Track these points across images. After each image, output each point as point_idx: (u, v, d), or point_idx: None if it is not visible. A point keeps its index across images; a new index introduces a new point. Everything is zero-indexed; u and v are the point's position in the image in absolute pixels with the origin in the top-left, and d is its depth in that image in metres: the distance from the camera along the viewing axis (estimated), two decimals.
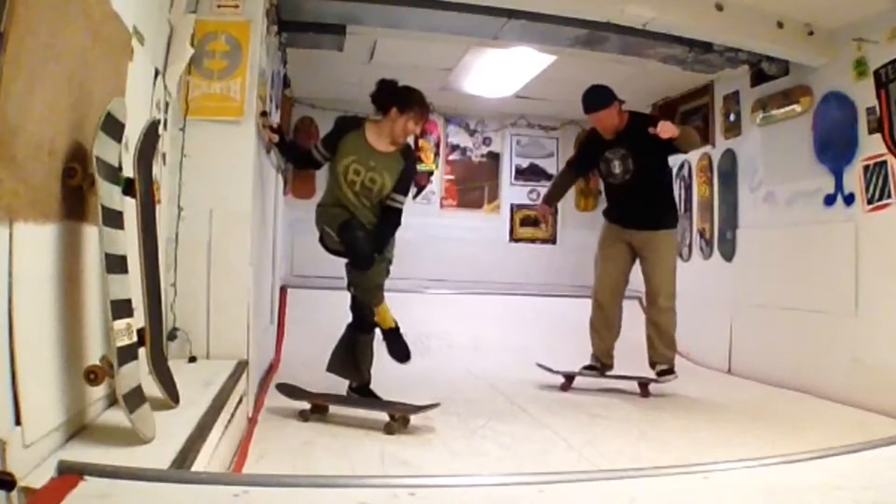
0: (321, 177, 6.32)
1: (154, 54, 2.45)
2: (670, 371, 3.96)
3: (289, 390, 3.20)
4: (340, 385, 3.38)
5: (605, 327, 4.16)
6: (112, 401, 1.85)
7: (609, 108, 3.94)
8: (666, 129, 3.71)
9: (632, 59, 4.49)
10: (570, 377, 4.10)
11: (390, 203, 3.23)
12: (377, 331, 3.30)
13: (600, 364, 4.15)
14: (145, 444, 1.58)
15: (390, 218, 3.25)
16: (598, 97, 3.98)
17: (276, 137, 3.44)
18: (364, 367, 3.32)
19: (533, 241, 6.81)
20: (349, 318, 3.39)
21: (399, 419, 2.94)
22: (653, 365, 4.03)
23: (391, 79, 3.28)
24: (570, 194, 6.84)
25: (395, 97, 3.21)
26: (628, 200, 4.05)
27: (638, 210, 4.00)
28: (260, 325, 3.46)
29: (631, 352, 4.28)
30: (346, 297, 3.42)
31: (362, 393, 3.31)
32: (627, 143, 3.95)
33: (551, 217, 4.83)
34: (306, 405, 3.12)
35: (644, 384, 3.97)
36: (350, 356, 3.32)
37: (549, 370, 4.15)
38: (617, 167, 4.00)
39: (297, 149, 3.80)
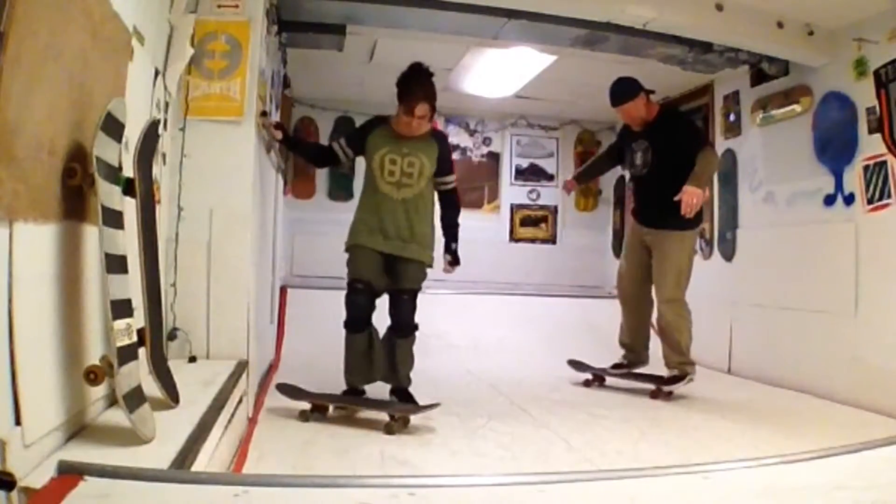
0: (321, 177, 6.37)
1: (154, 54, 2.45)
2: (679, 378, 3.89)
3: (289, 390, 3.19)
4: (339, 385, 3.37)
5: (626, 321, 4.22)
6: (112, 401, 1.85)
7: (634, 101, 3.89)
8: (688, 200, 3.60)
9: (632, 59, 4.49)
10: (600, 376, 4.23)
11: (443, 188, 3.37)
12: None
13: (626, 361, 4.18)
14: (145, 444, 1.58)
15: (451, 200, 3.42)
16: (623, 90, 3.93)
17: (279, 134, 3.45)
18: (406, 370, 3.31)
19: (533, 241, 6.81)
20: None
21: (399, 419, 2.95)
22: (666, 367, 4.00)
23: (406, 69, 3.27)
24: (570, 194, 6.85)
25: (397, 89, 3.24)
26: (645, 194, 4.07)
27: (653, 205, 3.97)
28: (260, 325, 3.45)
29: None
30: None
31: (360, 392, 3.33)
32: (651, 137, 3.92)
33: (571, 192, 4.67)
34: (306, 405, 3.12)
35: (656, 387, 3.94)
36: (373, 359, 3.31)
37: (582, 366, 4.30)
38: (638, 158, 3.99)
39: (309, 144, 3.78)
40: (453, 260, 3.43)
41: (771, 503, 1.42)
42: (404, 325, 3.30)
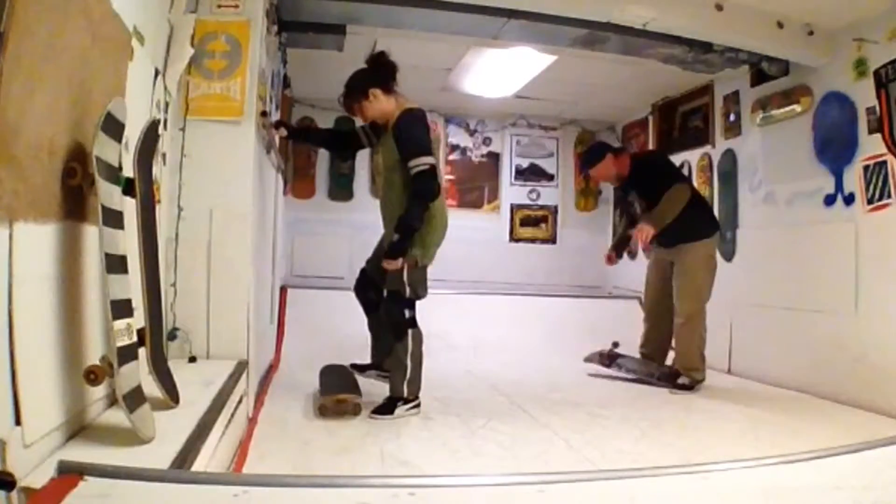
0: (321, 177, 6.37)
1: (154, 54, 2.45)
2: (689, 387, 4.05)
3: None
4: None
5: (647, 332, 4.44)
6: (112, 401, 1.85)
7: (603, 161, 4.22)
8: (638, 235, 4.00)
9: (632, 59, 4.49)
10: (612, 356, 4.45)
11: (411, 172, 3.05)
12: None
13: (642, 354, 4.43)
14: (145, 444, 1.57)
15: (414, 187, 3.05)
16: (590, 155, 4.35)
17: (283, 132, 3.51)
18: (395, 377, 3.29)
19: (533, 241, 6.81)
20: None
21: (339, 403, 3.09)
22: (675, 363, 4.23)
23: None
24: (570, 194, 6.89)
25: None
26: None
27: (665, 233, 4.06)
28: (260, 325, 3.46)
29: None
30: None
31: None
32: (635, 186, 4.25)
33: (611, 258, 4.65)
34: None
35: (659, 378, 4.20)
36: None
37: (600, 359, 4.48)
38: (638, 207, 4.29)
39: (322, 129, 3.82)
40: (387, 251, 3.11)
41: (771, 503, 1.42)
42: (388, 325, 3.27)
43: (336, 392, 3.18)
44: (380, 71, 3.21)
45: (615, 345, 4.45)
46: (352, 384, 3.35)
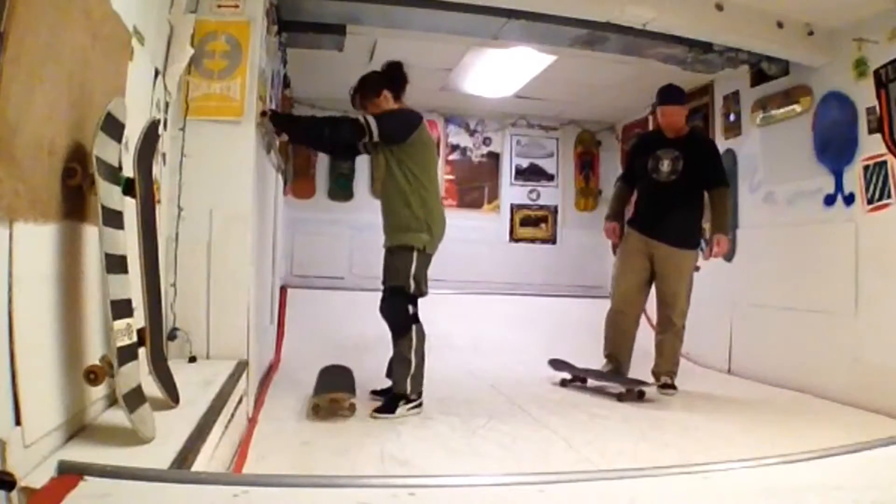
0: (321, 177, 6.37)
1: (154, 54, 2.45)
2: (672, 386, 4.00)
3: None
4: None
5: (617, 327, 4.20)
6: (112, 401, 1.85)
7: (684, 106, 4.18)
8: (723, 250, 4.01)
9: (632, 59, 4.49)
10: (581, 377, 4.20)
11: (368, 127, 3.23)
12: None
13: (610, 366, 4.18)
14: (145, 444, 1.58)
15: (349, 120, 3.30)
16: (677, 92, 4.17)
17: (285, 137, 3.56)
18: (398, 373, 3.27)
19: (533, 241, 6.81)
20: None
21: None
22: (655, 375, 4.04)
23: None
24: (570, 194, 6.89)
25: None
26: (664, 202, 4.08)
27: (668, 217, 4.04)
28: (260, 325, 3.46)
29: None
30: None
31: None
32: (683, 149, 4.06)
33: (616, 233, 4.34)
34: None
35: (639, 393, 3.80)
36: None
37: (563, 367, 4.28)
38: (666, 165, 4.08)
39: (315, 117, 3.74)
40: (272, 114, 3.33)
41: (771, 503, 1.42)
42: (391, 322, 3.29)
43: (330, 391, 3.17)
44: (395, 78, 3.34)
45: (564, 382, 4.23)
46: (347, 384, 3.35)
